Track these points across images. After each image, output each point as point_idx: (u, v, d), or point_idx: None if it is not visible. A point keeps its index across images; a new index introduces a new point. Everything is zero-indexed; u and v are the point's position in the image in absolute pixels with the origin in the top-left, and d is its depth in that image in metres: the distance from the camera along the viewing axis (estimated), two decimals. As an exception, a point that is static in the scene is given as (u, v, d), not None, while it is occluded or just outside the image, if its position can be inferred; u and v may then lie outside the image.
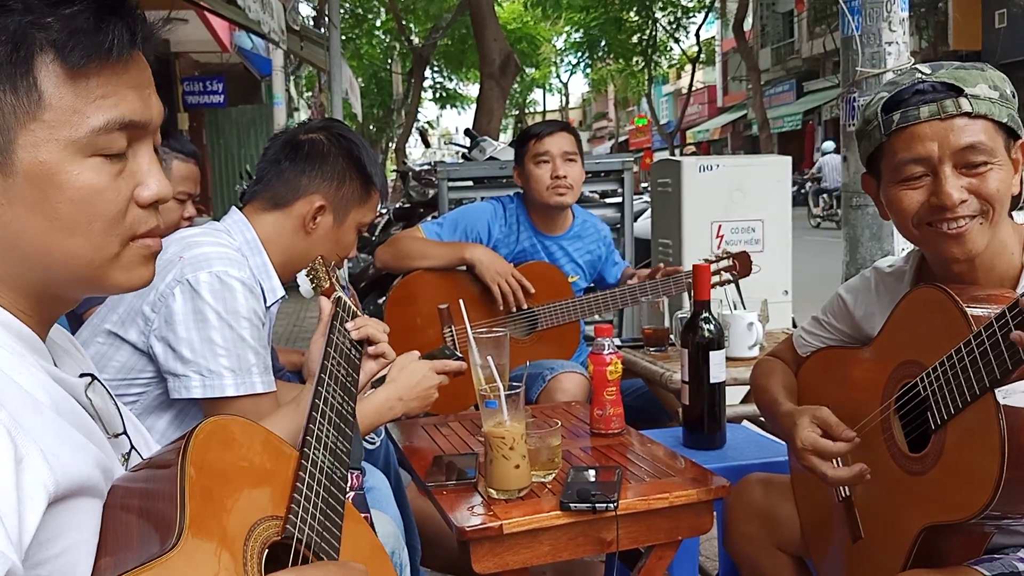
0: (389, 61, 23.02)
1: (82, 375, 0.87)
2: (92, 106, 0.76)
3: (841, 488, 1.49)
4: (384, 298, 3.87)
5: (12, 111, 0.73)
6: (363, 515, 1.13)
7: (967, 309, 1.22)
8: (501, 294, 2.57)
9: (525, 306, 2.60)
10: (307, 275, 1.43)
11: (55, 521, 0.72)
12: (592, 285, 2.92)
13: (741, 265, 2.64)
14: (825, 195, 16.07)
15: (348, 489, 1.04)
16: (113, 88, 0.77)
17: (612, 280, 2.90)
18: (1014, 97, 1.31)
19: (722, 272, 2.61)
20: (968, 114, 1.27)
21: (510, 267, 2.61)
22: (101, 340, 1.52)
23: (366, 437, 1.93)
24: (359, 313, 1.44)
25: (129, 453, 0.92)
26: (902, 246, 2.81)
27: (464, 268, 2.63)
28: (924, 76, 1.31)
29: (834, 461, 1.39)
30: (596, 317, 3.05)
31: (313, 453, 1.00)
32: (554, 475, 1.55)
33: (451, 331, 2.54)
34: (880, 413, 1.39)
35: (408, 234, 2.76)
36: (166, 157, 2.30)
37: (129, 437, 0.93)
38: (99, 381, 0.89)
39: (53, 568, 0.72)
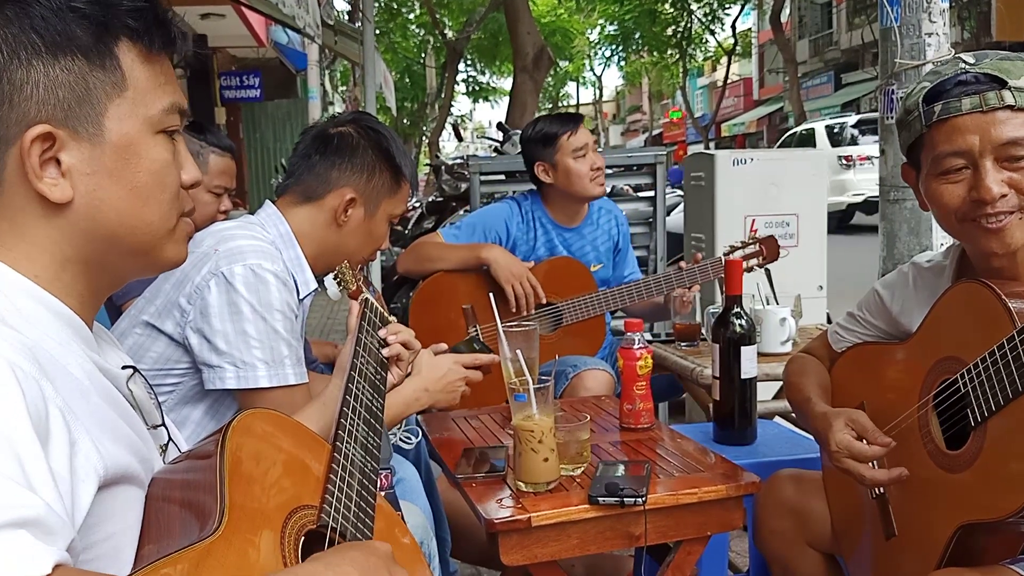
0: (423, 55, 23.07)
1: (124, 367, 0.90)
2: (160, 89, 0.87)
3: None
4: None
5: (103, 86, 0.83)
6: (396, 513, 1.14)
7: (1011, 304, 1.20)
8: (514, 296, 2.57)
9: (533, 311, 2.61)
10: (334, 278, 1.46)
11: (101, 506, 0.75)
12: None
13: (768, 250, 2.60)
14: None
15: (379, 489, 1.05)
16: (169, 77, 0.89)
17: (614, 283, 2.83)
18: None
19: (749, 259, 2.58)
20: (1011, 107, 1.24)
21: (526, 270, 2.60)
22: (139, 331, 1.55)
23: (403, 437, 1.95)
24: (387, 314, 1.46)
25: (167, 444, 0.95)
26: (940, 241, 2.77)
27: (485, 269, 2.65)
28: (967, 67, 1.29)
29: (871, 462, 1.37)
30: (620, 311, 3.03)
31: (345, 446, 1.03)
32: (583, 469, 1.56)
33: (476, 330, 2.55)
34: (917, 410, 1.37)
35: (427, 239, 2.79)
36: (203, 151, 2.33)
37: (167, 428, 0.95)
38: (139, 373, 0.92)
39: (99, 552, 0.75)
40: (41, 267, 0.82)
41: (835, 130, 13.89)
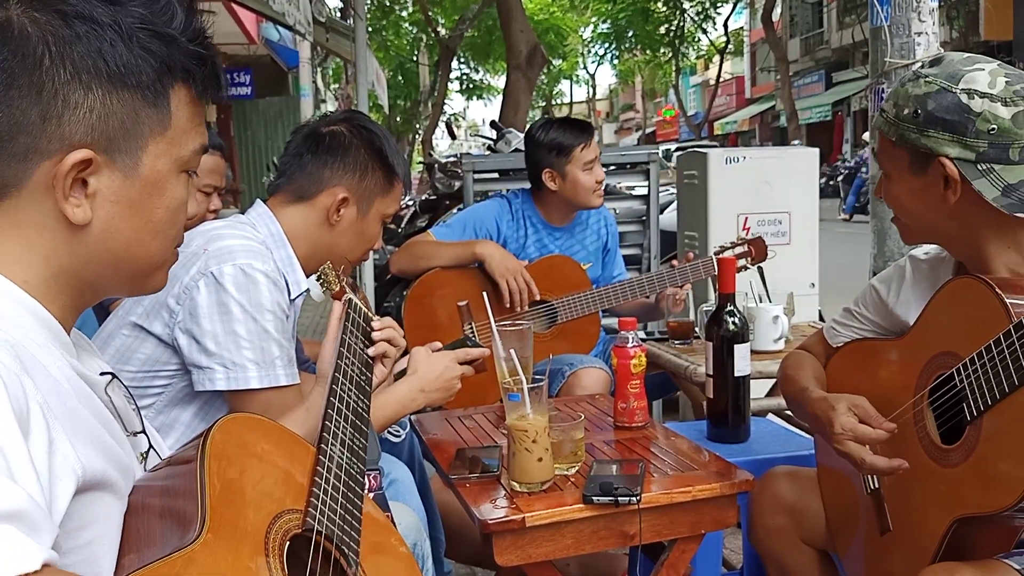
0: (416, 53, 23.03)
1: (102, 373, 0.89)
2: (195, 131, 0.90)
3: (870, 480, 1.48)
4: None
5: (149, 123, 0.84)
6: (385, 514, 1.14)
7: (1007, 300, 1.20)
8: (508, 291, 2.57)
9: (528, 307, 2.60)
10: (317, 279, 1.45)
11: (78, 511, 0.73)
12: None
13: (756, 250, 2.64)
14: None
15: (367, 490, 1.04)
16: (202, 119, 0.92)
17: (604, 283, 2.84)
18: (930, 117, 1.28)
19: (738, 259, 2.60)
20: (879, 129, 1.40)
21: (520, 266, 2.61)
22: (126, 332, 1.53)
23: (391, 430, 1.94)
24: (371, 314, 1.45)
25: (147, 452, 0.94)
26: (932, 238, 2.77)
27: (479, 266, 2.64)
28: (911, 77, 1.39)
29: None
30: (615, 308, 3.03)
31: (330, 449, 1.02)
32: (577, 468, 1.55)
33: (471, 327, 2.55)
34: (913, 405, 1.37)
35: (420, 238, 2.80)
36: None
37: (147, 435, 0.94)
38: (118, 380, 0.91)
39: (78, 559, 0.74)
40: (33, 274, 0.82)
41: (672, 152, 17.66)
